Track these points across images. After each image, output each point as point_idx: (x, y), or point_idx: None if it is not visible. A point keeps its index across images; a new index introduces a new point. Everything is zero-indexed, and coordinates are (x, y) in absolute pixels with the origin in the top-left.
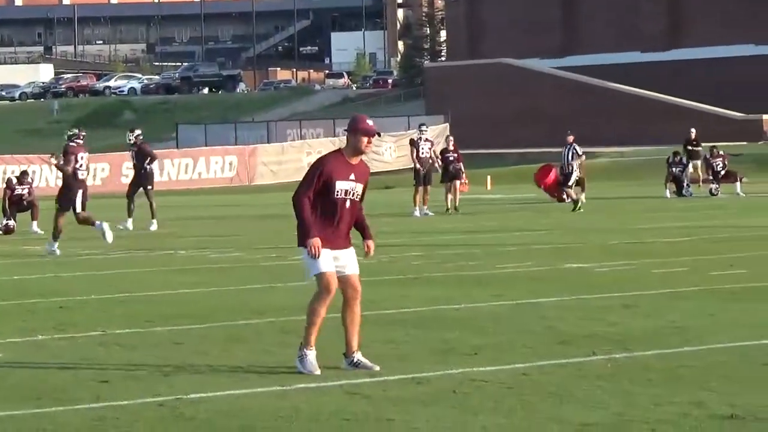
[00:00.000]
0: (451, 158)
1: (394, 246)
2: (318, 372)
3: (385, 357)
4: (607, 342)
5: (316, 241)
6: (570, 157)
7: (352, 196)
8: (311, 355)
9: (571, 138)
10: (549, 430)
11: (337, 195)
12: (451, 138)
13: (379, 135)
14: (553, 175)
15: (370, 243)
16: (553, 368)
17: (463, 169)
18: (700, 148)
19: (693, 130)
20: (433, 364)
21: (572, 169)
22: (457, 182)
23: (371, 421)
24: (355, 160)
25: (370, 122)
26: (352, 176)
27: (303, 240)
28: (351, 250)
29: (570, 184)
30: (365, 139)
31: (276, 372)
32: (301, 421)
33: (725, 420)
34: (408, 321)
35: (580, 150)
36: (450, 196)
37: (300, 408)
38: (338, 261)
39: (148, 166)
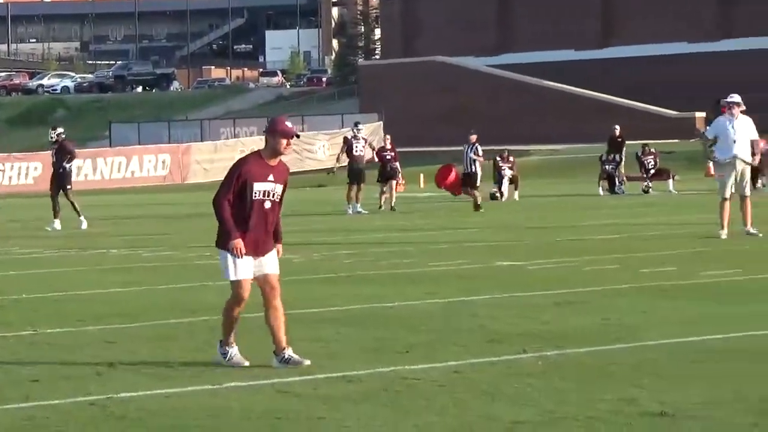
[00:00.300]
0: (389, 157)
1: (327, 244)
2: (247, 363)
3: (317, 355)
4: (538, 339)
5: (239, 243)
6: (472, 155)
7: (272, 197)
8: (233, 350)
9: (474, 137)
10: (480, 428)
11: (256, 196)
12: (389, 137)
13: (298, 136)
14: (453, 175)
15: (279, 247)
16: (485, 366)
17: (399, 169)
18: (624, 148)
19: (617, 127)
20: (364, 363)
21: (475, 169)
22: (393, 182)
23: (302, 419)
24: (273, 162)
25: (289, 123)
26: (271, 177)
27: (224, 242)
28: (272, 252)
29: (477, 185)
30: (284, 141)
31: (207, 370)
32: (232, 420)
33: (655, 417)
34: (340, 319)
35: (480, 149)
36: (385, 195)
37: (231, 406)
38: (257, 265)
39: (67, 165)
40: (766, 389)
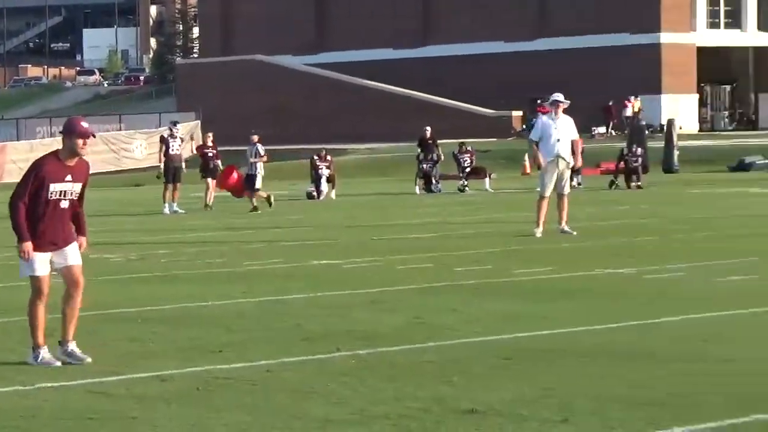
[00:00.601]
0: (210, 154)
1: (143, 243)
2: (58, 363)
3: (130, 355)
4: (351, 338)
5: (27, 246)
6: (254, 157)
7: (71, 196)
8: (44, 351)
9: (255, 138)
10: (292, 427)
11: (52, 197)
12: (210, 134)
13: (94, 136)
14: (235, 176)
15: (83, 240)
16: (298, 365)
17: (221, 167)
18: (437, 149)
19: (427, 128)
20: (178, 362)
21: (256, 170)
22: (214, 181)
23: (115, 419)
24: (71, 162)
25: (85, 124)
26: (69, 177)
27: (18, 242)
28: (73, 245)
29: (257, 186)
30: (80, 141)
31: (19, 371)
32: (44, 420)
33: (465, 414)
34: (155, 319)
35: (262, 150)
36: (209, 193)
37: (43, 407)
38: (59, 257)
39: None
40: (574, 385)
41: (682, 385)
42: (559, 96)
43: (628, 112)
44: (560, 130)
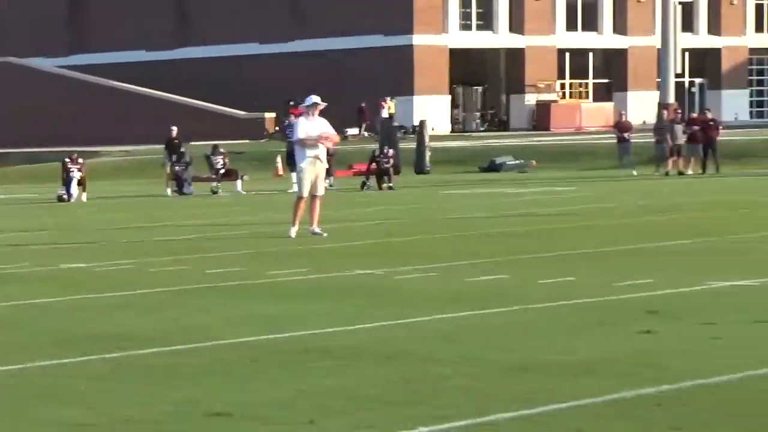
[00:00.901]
0: None
1: None
2: None
3: None
4: (105, 341)
5: None
6: None
7: None
8: None
9: None
10: None
11: None
12: None
13: None
14: None
15: None
16: (49, 369)
17: None
18: (183, 149)
19: (174, 128)
20: None
21: None
22: None
23: None
24: None
25: None
26: None
27: None
28: None
29: None
30: None
31: None
32: None
33: (216, 417)
34: None
35: None
36: None
37: None
38: None
39: None
40: (328, 386)
41: (433, 385)
42: (316, 98)
43: (385, 114)
44: (318, 131)
